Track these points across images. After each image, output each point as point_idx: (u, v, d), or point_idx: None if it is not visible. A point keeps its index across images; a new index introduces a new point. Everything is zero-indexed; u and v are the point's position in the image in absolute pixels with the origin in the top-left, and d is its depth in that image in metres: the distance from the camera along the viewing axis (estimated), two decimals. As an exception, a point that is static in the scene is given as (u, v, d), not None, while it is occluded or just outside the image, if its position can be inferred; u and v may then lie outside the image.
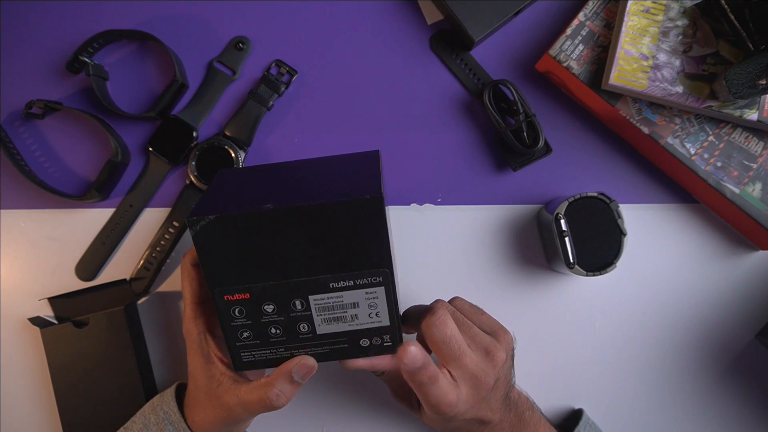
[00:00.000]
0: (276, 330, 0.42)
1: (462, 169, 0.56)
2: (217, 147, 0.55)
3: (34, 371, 0.56)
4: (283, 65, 0.56)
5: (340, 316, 0.41)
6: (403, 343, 0.41)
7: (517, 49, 0.56)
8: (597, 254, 0.50)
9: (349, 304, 0.41)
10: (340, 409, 0.56)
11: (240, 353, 0.43)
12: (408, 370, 0.40)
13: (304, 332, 0.42)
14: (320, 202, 0.38)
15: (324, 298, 0.41)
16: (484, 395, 0.43)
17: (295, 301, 0.41)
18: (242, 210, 0.39)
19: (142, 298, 0.56)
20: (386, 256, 0.40)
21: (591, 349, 0.56)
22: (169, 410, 0.46)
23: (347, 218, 0.39)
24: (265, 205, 0.39)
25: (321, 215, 0.39)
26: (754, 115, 0.49)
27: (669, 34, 0.50)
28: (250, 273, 0.40)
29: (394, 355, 0.42)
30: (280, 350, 0.43)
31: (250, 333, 0.42)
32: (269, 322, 0.41)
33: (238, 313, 0.41)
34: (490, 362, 0.43)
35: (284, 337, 0.42)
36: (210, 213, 0.39)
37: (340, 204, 0.38)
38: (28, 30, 0.56)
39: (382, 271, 0.40)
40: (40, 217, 0.56)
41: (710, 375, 0.56)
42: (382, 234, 0.39)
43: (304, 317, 0.41)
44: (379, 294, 0.41)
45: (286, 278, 0.40)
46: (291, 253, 0.40)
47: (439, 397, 0.41)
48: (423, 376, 0.40)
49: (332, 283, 0.40)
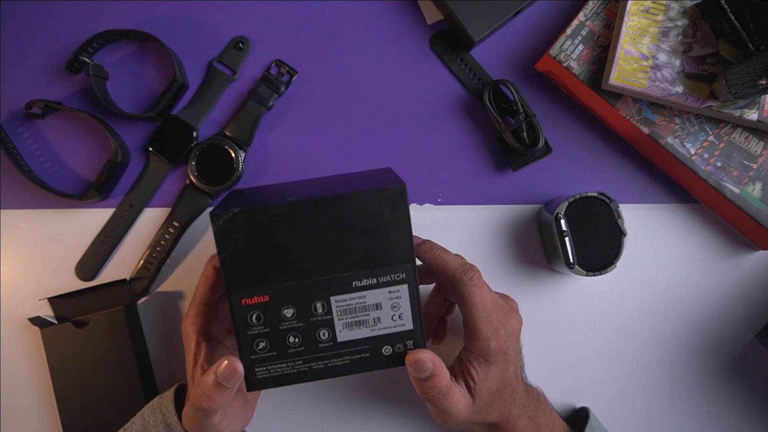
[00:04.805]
0: (295, 338, 0.40)
1: (462, 169, 0.56)
2: (217, 147, 0.55)
3: (34, 371, 0.56)
4: (283, 65, 0.56)
5: (363, 319, 0.40)
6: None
7: (517, 49, 0.56)
8: (597, 254, 0.50)
9: (372, 305, 0.40)
10: (340, 409, 0.56)
11: (254, 368, 0.41)
12: (416, 377, 0.40)
13: (324, 340, 0.41)
14: (343, 192, 0.38)
15: (346, 299, 0.40)
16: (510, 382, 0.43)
17: (316, 304, 0.40)
18: (266, 203, 0.38)
19: (142, 298, 0.56)
20: (410, 251, 0.39)
21: (591, 349, 0.56)
22: (167, 412, 0.46)
23: (370, 210, 0.38)
24: (289, 198, 0.38)
25: (344, 206, 0.38)
26: (754, 115, 0.49)
27: (669, 34, 0.50)
28: (271, 272, 0.39)
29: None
30: (298, 363, 0.41)
31: (267, 343, 0.40)
32: (288, 329, 0.40)
33: (256, 320, 0.40)
34: (511, 308, 0.45)
35: (303, 346, 0.41)
36: (233, 207, 0.38)
37: (363, 194, 0.38)
38: (28, 30, 0.56)
39: (406, 266, 0.39)
40: (40, 217, 0.56)
41: (710, 375, 0.56)
42: (406, 227, 0.39)
43: (325, 322, 0.40)
44: (402, 293, 0.40)
45: (308, 277, 0.39)
46: (313, 250, 0.39)
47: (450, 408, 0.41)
48: (434, 390, 0.40)
49: (355, 282, 0.40)
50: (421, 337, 0.41)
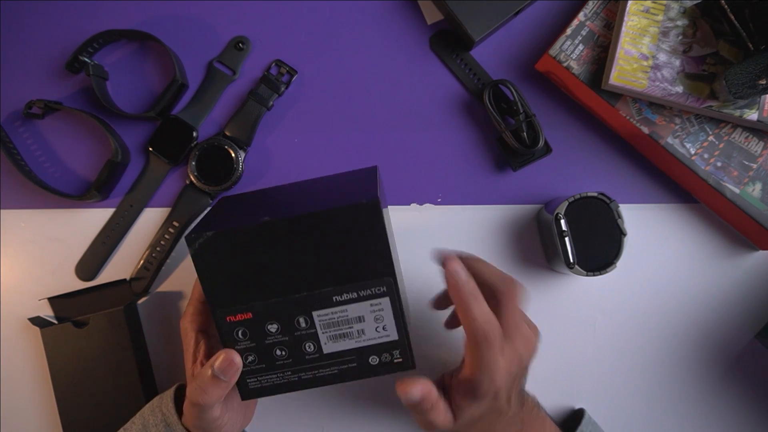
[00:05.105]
0: (281, 352, 0.41)
1: (462, 169, 0.56)
2: (217, 147, 0.55)
3: (34, 371, 0.56)
4: (283, 65, 0.56)
5: (346, 332, 0.40)
6: (413, 358, 0.41)
7: (517, 49, 0.56)
8: (597, 254, 0.50)
9: (354, 318, 0.40)
10: (340, 409, 0.56)
11: (246, 379, 0.42)
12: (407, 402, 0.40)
13: (311, 352, 0.41)
14: (316, 211, 0.38)
15: (328, 313, 0.40)
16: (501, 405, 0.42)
17: (299, 319, 0.40)
18: (240, 224, 0.38)
19: (142, 298, 0.56)
20: (388, 264, 0.39)
21: (591, 349, 0.56)
22: (167, 412, 0.46)
23: (345, 226, 0.38)
24: (263, 219, 0.38)
25: (318, 224, 0.38)
26: (754, 115, 0.49)
27: (669, 34, 0.50)
28: (252, 291, 0.39)
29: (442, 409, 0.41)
30: (287, 374, 0.41)
31: (255, 357, 0.41)
32: (274, 343, 0.41)
33: (242, 335, 0.40)
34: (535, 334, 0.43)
35: (290, 359, 0.41)
36: (208, 230, 0.38)
37: (335, 211, 0.38)
38: (28, 30, 0.56)
39: (386, 280, 0.39)
40: (40, 217, 0.56)
41: (710, 375, 0.56)
42: (383, 241, 0.38)
43: (309, 335, 0.40)
44: (384, 305, 0.40)
45: (288, 294, 0.39)
46: (291, 268, 0.39)
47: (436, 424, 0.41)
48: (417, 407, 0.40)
49: (335, 297, 0.39)
50: (406, 346, 0.41)
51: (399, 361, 0.41)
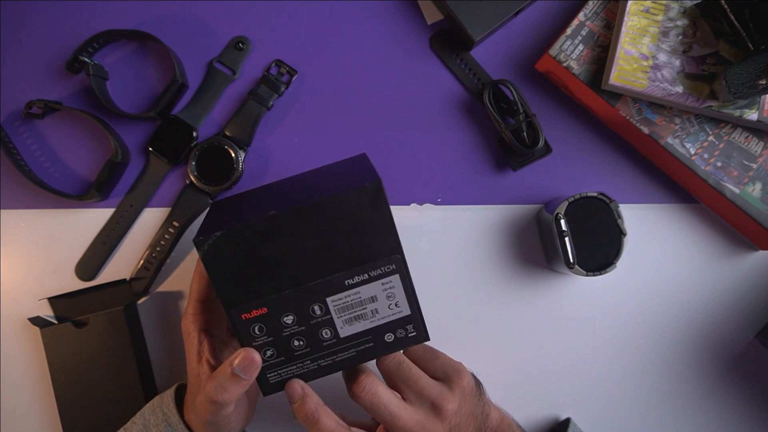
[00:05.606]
0: (299, 342, 0.41)
1: (462, 169, 0.56)
2: (217, 147, 0.55)
3: (34, 371, 0.56)
4: (283, 65, 0.56)
5: (361, 313, 0.41)
6: (426, 330, 0.42)
7: (517, 49, 0.56)
8: (597, 254, 0.50)
9: (368, 299, 0.41)
10: (340, 409, 0.56)
11: (266, 374, 0.42)
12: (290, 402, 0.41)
13: (328, 338, 0.41)
14: (321, 200, 0.38)
15: (341, 297, 0.41)
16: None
17: (313, 307, 0.41)
18: (246, 222, 0.39)
19: (142, 298, 0.56)
20: (395, 242, 0.40)
21: (591, 349, 0.56)
22: (168, 411, 0.46)
23: (351, 210, 0.39)
24: (269, 213, 0.38)
25: (325, 212, 0.39)
26: (754, 115, 0.49)
27: (669, 34, 0.50)
28: (264, 286, 0.40)
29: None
30: (306, 363, 0.42)
31: (273, 351, 0.41)
32: (291, 334, 0.41)
33: (258, 331, 0.41)
34: (438, 416, 0.42)
35: (308, 347, 0.41)
36: (215, 231, 0.38)
37: (341, 197, 0.38)
38: (28, 30, 0.56)
39: (394, 257, 0.40)
40: (40, 217, 0.56)
41: (710, 375, 0.56)
42: (388, 220, 0.39)
43: (325, 322, 0.41)
44: (395, 283, 0.41)
45: (301, 284, 0.40)
46: (301, 258, 0.39)
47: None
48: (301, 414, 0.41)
49: (347, 280, 0.40)
50: (419, 320, 0.42)
51: (413, 334, 0.42)
